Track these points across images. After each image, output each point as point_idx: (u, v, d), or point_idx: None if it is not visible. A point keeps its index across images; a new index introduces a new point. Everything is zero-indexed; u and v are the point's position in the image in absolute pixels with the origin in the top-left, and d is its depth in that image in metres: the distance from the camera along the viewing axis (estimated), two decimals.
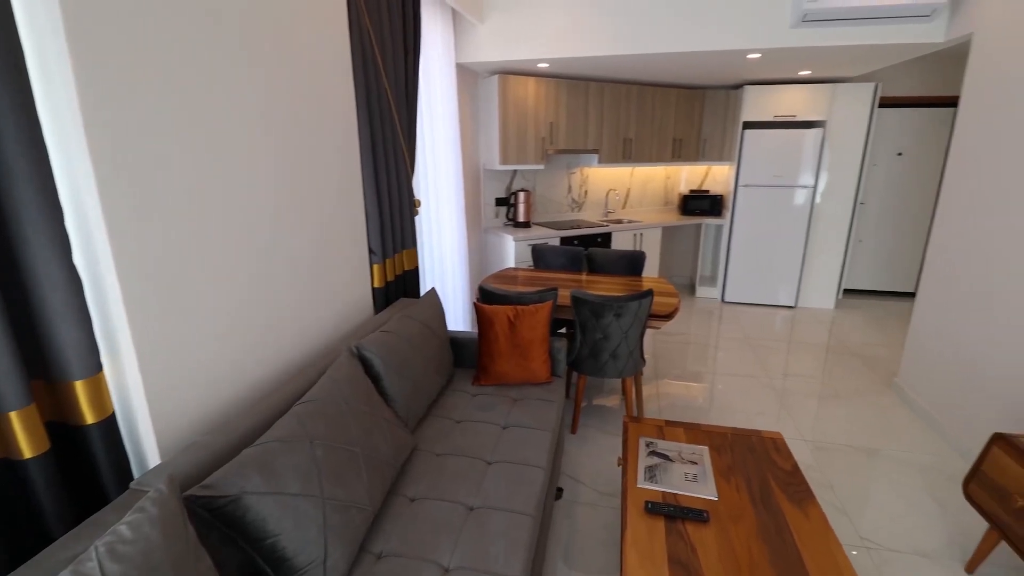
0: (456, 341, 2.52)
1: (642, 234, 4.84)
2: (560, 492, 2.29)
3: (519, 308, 2.36)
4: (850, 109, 4.53)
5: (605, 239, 4.62)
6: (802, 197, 4.74)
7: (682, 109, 5.04)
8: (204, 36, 1.33)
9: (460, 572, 1.30)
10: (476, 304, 2.45)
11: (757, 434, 1.97)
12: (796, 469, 1.76)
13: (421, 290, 2.96)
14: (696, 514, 1.51)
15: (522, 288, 2.90)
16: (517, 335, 2.32)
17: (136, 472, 1.21)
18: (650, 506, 1.55)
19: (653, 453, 1.83)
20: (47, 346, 1.03)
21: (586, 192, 5.21)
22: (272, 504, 1.13)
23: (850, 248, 4.90)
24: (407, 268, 2.72)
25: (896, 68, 4.43)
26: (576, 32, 3.42)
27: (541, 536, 1.64)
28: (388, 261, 2.51)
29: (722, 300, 5.25)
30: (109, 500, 1.11)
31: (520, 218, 4.51)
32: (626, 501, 1.60)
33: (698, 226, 5.47)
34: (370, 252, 2.38)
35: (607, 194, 5.31)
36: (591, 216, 5.24)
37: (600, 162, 4.72)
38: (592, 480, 2.39)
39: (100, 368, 1.10)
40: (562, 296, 2.76)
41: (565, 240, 4.36)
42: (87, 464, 1.10)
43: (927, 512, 2.19)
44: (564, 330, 3.45)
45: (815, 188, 4.70)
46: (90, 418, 1.08)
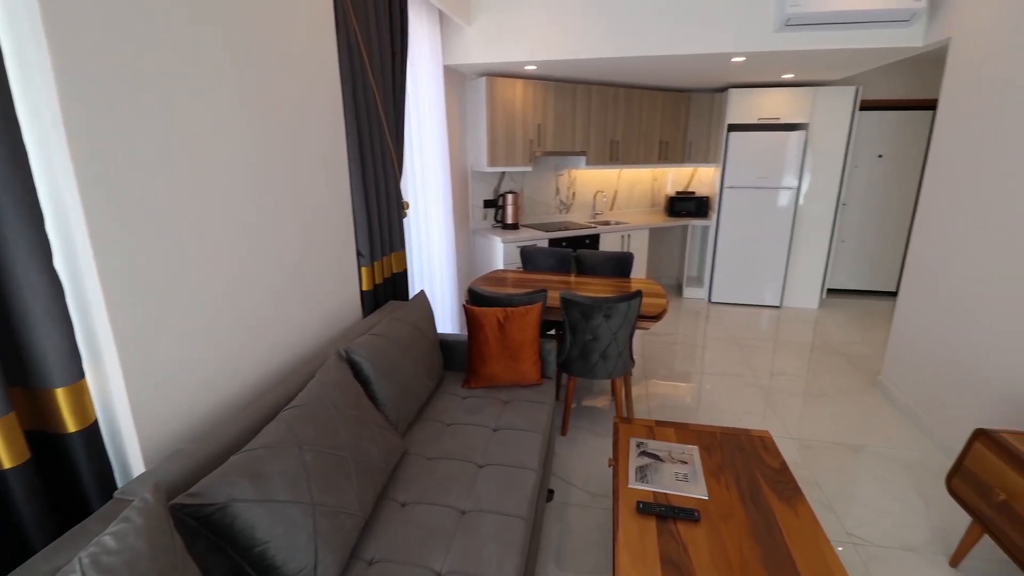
0: (446, 344, 2.51)
1: (630, 235, 4.87)
2: (551, 494, 2.29)
3: (509, 310, 2.36)
4: (832, 112, 4.61)
5: (593, 241, 4.64)
6: (786, 198, 4.81)
7: (668, 112, 5.09)
8: (187, 38, 1.31)
9: None
10: (466, 306, 2.44)
11: (746, 433, 1.99)
12: (784, 467, 1.78)
13: (410, 293, 2.94)
14: (687, 514, 1.52)
15: (511, 290, 2.90)
16: (507, 337, 2.32)
17: (120, 481, 1.18)
18: (641, 506, 1.56)
19: (644, 453, 1.84)
20: (27, 353, 1.00)
21: (574, 194, 5.23)
22: (261, 511, 1.12)
23: (833, 248, 4.97)
24: (396, 271, 2.71)
25: (876, 72, 4.52)
26: (563, 34, 3.44)
27: (533, 539, 1.64)
28: (376, 264, 2.49)
29: (709, 300, 5.30)
30: (92, 510, 1.09)
31: (508, 220, 4.52)
32: (618, 502, 1.61)
33: (684, 227, 5.52)
34: (358, 255, 2.36)
35: (595, 196, 5.33)
36: (579, 218, 5.26)
37: (588, 164, 4.75)
38: (583, 481, 2.40)
39: (82, 375, 1.08)
40: (551, 298, 2.76)
41: (553, 242, 4.37)
42: (69, 474, 1.07)
43: (912, 507, 2.23)
44: (553, 332, 3.46)
45: (799, 189, 4.77)
46: (72, 426, 1.06)
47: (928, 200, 2.95)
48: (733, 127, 4.85)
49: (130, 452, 1.20)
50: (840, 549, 1.98)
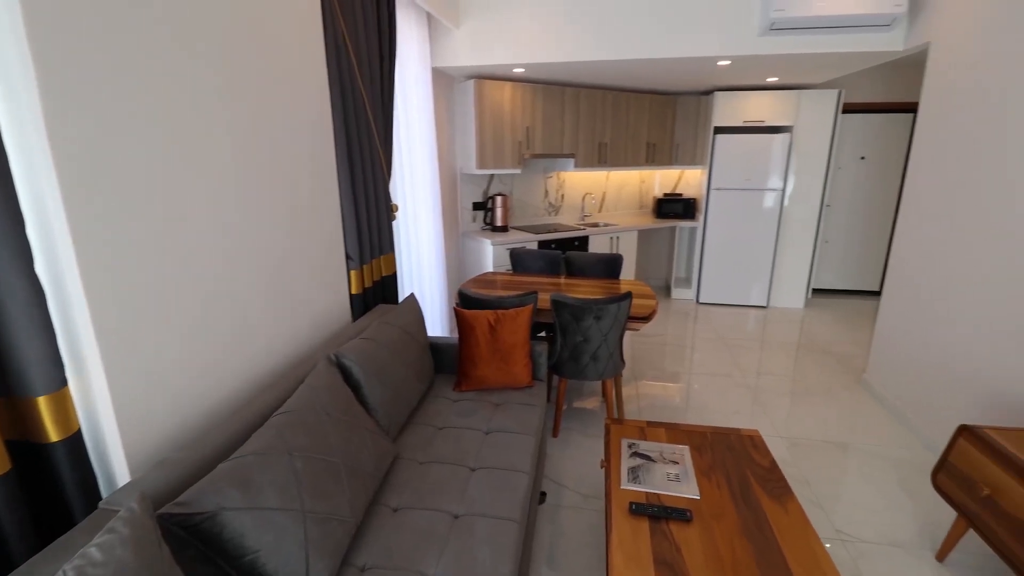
0: (436, 347, 2.49)
1: (618, 237, 4.90)
2: (543, 496, 2.28)
3: (499, 312, 2.36)
4: (815, 115, 4.68)
5: (582, 242, 4.66)
6: (771, 200, 4.87)
7: (655, 114, 5.13)
8: (173, 39, 1.29)
9: None
10: (456, 309, 2.43)
11: (736, 432, 2.01)
12: (774, 466, 1.80)
13: (400, 296, 2.92)
14: (679, 513, 1.53)
15: (501, 292, 2.89)
16: (498, 339, 2.31)
17: (104, 491, 1.15)
18: (634, 507, 1.56)
19: (635, 454, 1.84)
20: (7, 361, 0.97)
21: (563, 196, 5.24)
22: (250, 520, 1.10)
23: (817, 249, 5.05)
24: (385, 274, 2.69)
25: (858, 75, 4.60)
26: (551, 38, 3.45)
27: (526, 542, 1.63)
28: (365, 267, 2.47)
29: (697, 301, 5.35)
30: (76, 522, 1.06)
31: (498, 222, 4.51)
32: (610, 503, 1.61)
33: (672, 229, 5.57)
34: (347, 258, 2.34)
35: (583, 198, 5.35)
36: (568, 220, 5.27)
37: (576, 166, 4.77)
38: (575, 483, 2.40)
39: (65, 383, 1.05)
40: (541, 300, 2.76)
41: (543, 244, 4.38)
42: (52, 484, 1.05)
43: (899, 503, 2.26)
44: (544, 334, 3.46)
45: (784, 191, 4.84)
46: (54, 436, 1.03)
47: (910, 201, 3.01)
48: (719, 130, 4.90)
49: (115, 461, 1.17)
50: (829, 546, 2.00)
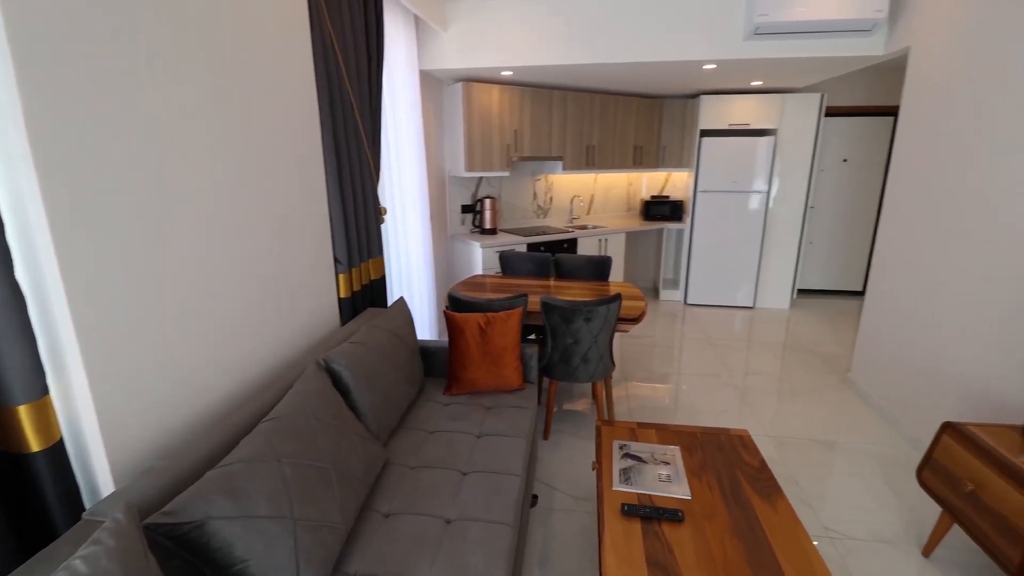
0: (426, 350, 2.48)
1: (607, 239, 4.92)
2: (535, 499, 2.28)
3: (490, 315, 2.35)
4: (799, 118, 4.76)
5: (571, 245, 4.67)
6: (757, 202, 4.93)
7: (642, 117, 5.17)
8: (157, 39, 1.27)
9: None
10: (446, 312, 2.42)
11: (725, 432, 2.02)
12: (764, 465, 1.81)
13: (389, 299, 2.90)
14: (671, 514, 1.53)
15: (491, 295, 2.89)
16: (488, 342, 2.30)
17: (88, 502, 1.13)
18: (626, 508, 1.56)
19: (627, 455, 1.84)
20: None
21: (551, 199, 5.26)
22: (239, 528, 1.08)
23: (802, 250, 5.12)
24: (374, 277, 2.67)
25: (840, 79, 4.68)
26: (539, 41, 3.47)
27: (518, 545, 1.63)
28: (354, 270, 2.45)
29: (684, 302, 5.39)
30: (59, 533, 1.03)
31: (486, 225, 4.51)
32: (602, 505, 1.61)
33: (660, 231, 5.61)
34: (335, 262, 2.32)
35: (572, 200, 5.37)
36: (556, 222, 5.29)
37: (564, 169, 4.78)
38: (566, 485, 2.40)
39: (46, 391, 1.03)
40: (531, 302, 2.76)
41: (532, 246, 4.38)
42: (34, 495, 1.02)
43: (885, 500, 2.29)
44: (533, 336, 3.46)
45: (768, 193, 4.90)
46: (35, 445, 1.00)
47: (891, 203, 3.07)
48: (705, 132, 4.95)
49: (98, 471, 1.14)
50: (817, 543, 2.02)
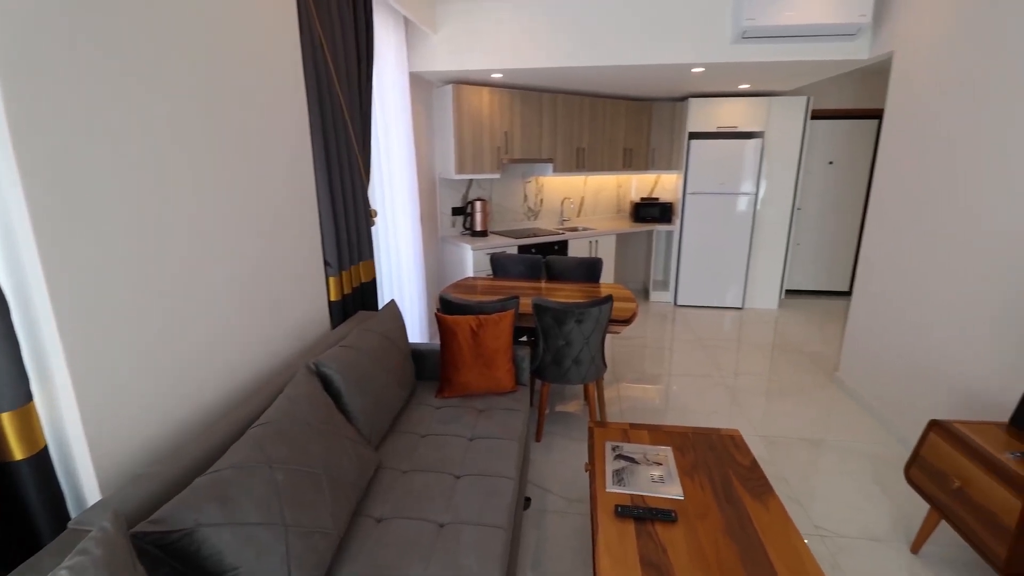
0: (418, 353, 2.47)
1: (597, 241, 4.94)
2: (528, 502, 2.27)
3: (482, 318, 2.35)
4: (785, 121, 4.82)
5: (562, 247, 4.68)
6: (745, 204, 4.98)
7: (632, 120, 5.20)
8: (144, 41, 1.25)
9: None
10: (438, 315, 2.41)
11: (716, 432, 2.03)
12: (755, 464, 1.83)
13: (379, 302, 2.89)
14: (664, 514, 1.54)
15: (482, 297, 2.88)
16: (480, 345, 2.30)
17: (73, 511, 1.10)
18: (620, 509, 1.56)
19: (620, 457, 1.85)
20: None
21: (541, 201, 5.27)
22: (230, 535, 1.06)
23: (789, 251, 5.18)
24: (364, 280, 2.65)
25: (826, 82, 4.75)
26: (529, 43, 3.47)
27: (512, 548, 1.62)
28: (344, 273, 2.43)
29: (675, 303, 5.42)
30: (43, 544, 1.01)
31: (477, 227, 4.50)
32: (596, 506, 1.61)
33: (650, 233, 5.64)
34: (325, 264, 2.30)
35: (562, 203, 5.39)
36: (547, 224, 5.30)
37: (555, 171, 4.80)
38: (559, 487, 2.39)
39: (30, 398, 1.00)
40: (523, 304, 2.76)
41: (523, 248, 4.39)
42: (17, 504, 0.99)
43: (874, 498, 2.32)
44: (524, 338, 3.46)
45: (756, 195, 4.95)
46: (19, 454, 0.98)
47: (877, 205, 3.11)
48: (694, 135, 4.99)
49: (84, 479, 1.12)
50: (808, 541, 2.04)
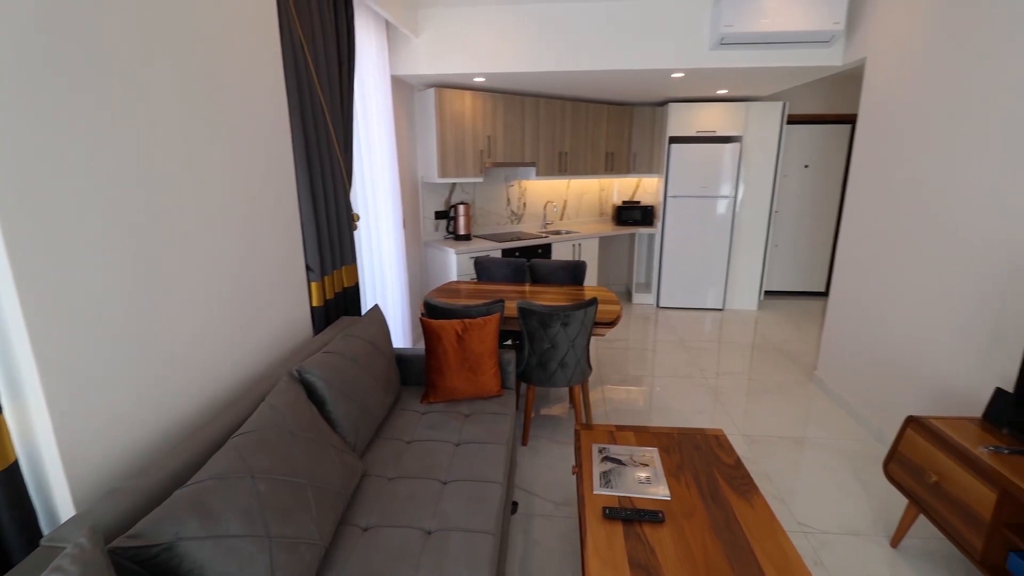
0: (402, 358, 2.45)
1: (580, 244, 4.96)
2: (515, 506, 2.26)
3: (467, 322, 2.34)
4: (762, 125, 4.92)
5: (545, 250, 4.70)
6: (724, 207, 5.06)
7: (613, 124, 5.26)
8: (121, 42, 1.22)
9: None
10: (423, 320, 2.40)
11: (701, 432, 2.06)
12: (739, 463, 1.85)
13: (363, 307, 2.85)
14: (652, 515, 1.55)
15: (467, 301, 2.87)
16: (466, 349, 2.29)
17: (46, 527, 1.06)
18: (608, 512, 1.57)
19: (606, 459, 1.85)
20: None
21: (525, 204, 5.28)
22: (211, 549, 1.04)
23: (768, 253, 5.28)
24: (347, 285, 2.62)
25: (801, 88, 4.87)
26: (510, 48, 3.49)
27: (500, 554, 1.61)
28: (327, 278, 2.40)
29: (657, 305, 5.48)
30: (14, 563, 0.97)
31: (460, 231, 4.49)
32: (584, 509, 1.61)
33: (632, 235, 5.70)
34: (307, 269, 2.27)
35: (545, 206, 5.41)
36: (530, 228, 5.31)
37: (538, 175, 4.81)
38: (545, 491, 2.39)
39: None
40: (508, 308, 2.76)
41: (506, 252, 4.39)
42: None
43: (854, 494, 2.37)
44: (509, 342, 3.45)
45: (735, 198, 5.04)
46: None
47: (852, 207, 3.19)
48: (674, 139, 5.07)
49: (57, 494, 1.08)
50: (791, 538, 2.07)
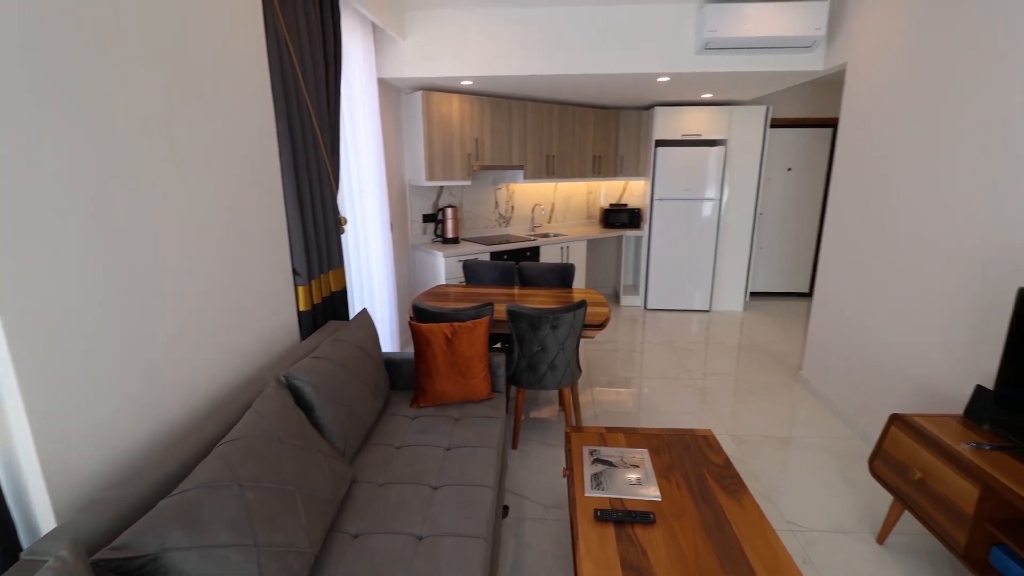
0: (391, 362, 2.43)
1: (568, 247, 4.98)
2: (506, 510, 2.25)
3: (456, 325, 2.33)
4: (746, 129, 4.99)
5: (534, 253, 4.70)
6: (709, 209, 5.12)
7: (600, 128, 5.29)
8: (101, 42, 1.20)
9: None
10: (411, 323, 2.38)
11: (691, 433, 2.07)
12: (728, 463, 1.86)
13: (351, 312, 2.83)
14: (643, 516, 1.55)
15: (456, 304, 2.86)
16: (456, 353, 2.28)
17: (25, 540, 1.03)
18: (599, 514, 1.57)
19: (597, 460, 1.86)
20: None
21: (513, 207, 5.29)
22: (198, 560, 1.02)
23: (753, 255, 5.35)
24: (335, 289, 2.60)
25: (784, 92, 4.95)
26: (498, 51, 3.49)
27: (492, 558, 1.61)
28: (314, 283, 2.38)
29: (645, 307, 5.52)
30: None
31: (448, 234, 4.48)
32: (575, 511, 1.61)
33: (619, 238, 5.74)
34: (294, 273, 2.24)
35: (533, 209, 5.42)
36: (518, 231, 5.32)
37: (525, 178, 4.82)
38: (536, 494, 2.38)
39: None
40: (497, 311, 2.76)
41: (495, 255, 4.38)
42: None
43: (840, 492, 2.40)
44: (498, 345, 3.45)
45: (720, 201, 5.10)
46: None
47: (834, 209, 3.25)
48: (660, 143, 5.12)
49: (37, 506, 1.05)
50: (780, 536, 2.09)
